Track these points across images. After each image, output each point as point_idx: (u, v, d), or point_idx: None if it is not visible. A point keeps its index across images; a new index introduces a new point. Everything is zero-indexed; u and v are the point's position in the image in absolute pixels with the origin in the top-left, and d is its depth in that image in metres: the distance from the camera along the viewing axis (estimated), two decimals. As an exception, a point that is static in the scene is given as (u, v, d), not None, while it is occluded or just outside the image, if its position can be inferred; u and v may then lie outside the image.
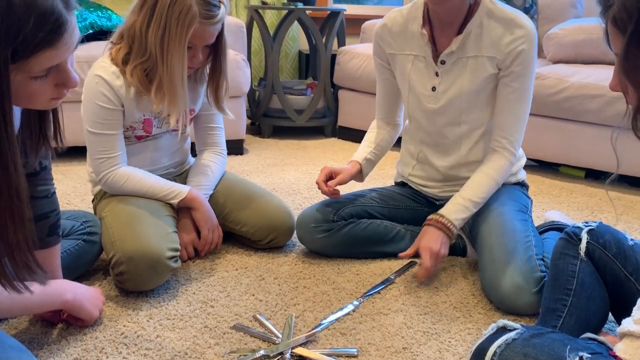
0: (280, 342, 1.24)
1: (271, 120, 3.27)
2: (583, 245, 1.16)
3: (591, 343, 0.95)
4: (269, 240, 1.68)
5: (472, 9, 1.49)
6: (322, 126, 3.34)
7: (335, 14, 3.24)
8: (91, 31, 2.76)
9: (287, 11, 3.18)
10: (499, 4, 1.50)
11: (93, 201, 1.67)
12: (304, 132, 3.40)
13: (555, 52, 2.83)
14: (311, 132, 3.40)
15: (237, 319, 1.34)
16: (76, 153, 2.28)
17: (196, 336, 1.26)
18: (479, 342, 0.97)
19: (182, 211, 1.61)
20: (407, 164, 1.76)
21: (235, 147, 2.82)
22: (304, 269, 1.60)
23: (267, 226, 1.66)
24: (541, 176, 2.63)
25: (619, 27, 0.88)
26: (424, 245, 1.48)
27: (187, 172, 1.75)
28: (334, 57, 3.27)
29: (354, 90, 3.16)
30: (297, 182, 2.42)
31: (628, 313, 0.89)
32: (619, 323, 1.01)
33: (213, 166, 1.73)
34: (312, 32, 3.18)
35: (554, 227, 1.73)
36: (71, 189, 2.24)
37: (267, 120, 3.27)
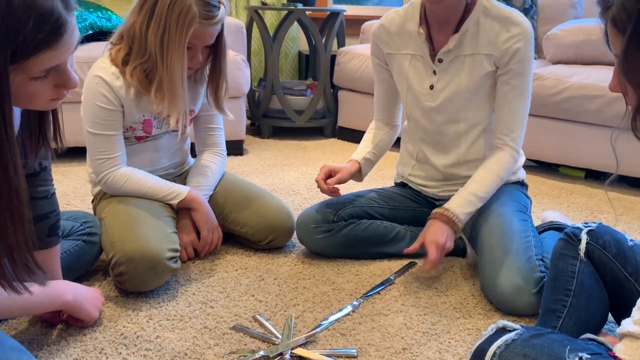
0: (279, 343, 1.24)
1: (271, 120, 3.27)
2: (583, 246, 1.16)
3: (591, 344, 0.95)
4: (269, 240, 1.68)
5: (469, 7, 1.50)
6: (321, 127, 3.34)
7: (335, 14, 3.24)
8: (91, 32, 2.76)
9: (286, 12, 3.18)
10: (494, 2, 1.51)
11: (93, 202, 1.67)
12: (303, 132, 3.40)
13: (554, 53, 2.84)
14: (311, 132, 3.40)
15: (236, 320, 1.34)
16: (76, 154, 2.28)
17: (196, 337, 1.26)
18: (478, 343, 0.97)
19: (182, 212, 1.61)
20: (406, 164, 1.77)
21: (235, 148, 2.82)
22: (304, 269, 1.61)
23: (266, 227, 1.66)
24: (541, 177, 2.63)
25: (618, 28, 0.88)
26: (429, 238, 1.47)
27: (186, 173, 1.75)
28: (333, 57, 3.27)
29: (353, 90, 3.16)
30: (297, 183, 2.42)
31: (628, 314, 0.89)
32: (618, 324, 1.01)
33: (213, 167, 1.73)
34: (311, 33, 3.18)
35: (552, 227, 1.73)
36: (71, 189, 2.24)
37: (267, 120, 3.27)
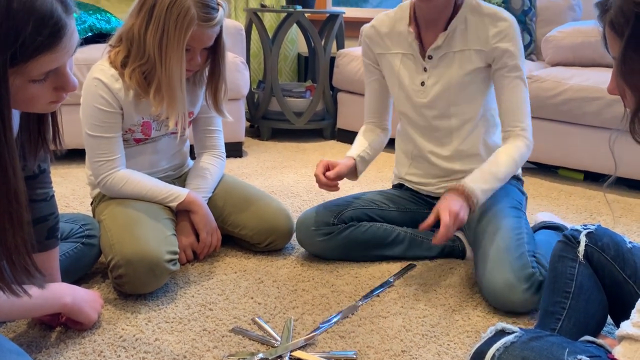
0: (279, 345, 1.24)
1: (270, 122, 3.27)
2: (581, 248, 1.16)
3: (590, 346, 0.95)
4: (268, 243, 1.68)
5: (457, 7, 1.55)
6: (321, 129, 3.35)
7: (334, 16, 3.24)
8: (90, 34, 2.76)
9: (286, 14, 3.18)
10: (480, 1, 1.57)
11: (92, 204, 1.67)
12: (303, 134, 3.40)
13: (553, 55, 2.84)
14: (310, 134, 3.40)
15: (235, 322, 1.34)
16: (75, 156, 2.28)
17: (195, 339, 1.26)
18: (477, 346, 0.97)
19: (181, 214, 1.61)
20: (402, 164, 1.78)
21: (234, 150, 2.82)
22: (303, 272, 1.60)
23: (266, 229, 1.66)
24: (540, 179, 2.63)
25: (616, 30, 0.88)
26: (442, 206, 1.42)
27: (186, 175, 1.75)
28: (333, 59, 3.27)
29: (352, 92, 3.16)
30: (296, 185, 2.42)
31: (627, 316, 0.89)
32: (617, 326, 1.01)
33: (212, 169, 1.73)
34: (311, 35, 3.19)
35: (545, 226, 1.73)
36: (70, 191, 2.24)
37: (266, 122, 3.27)
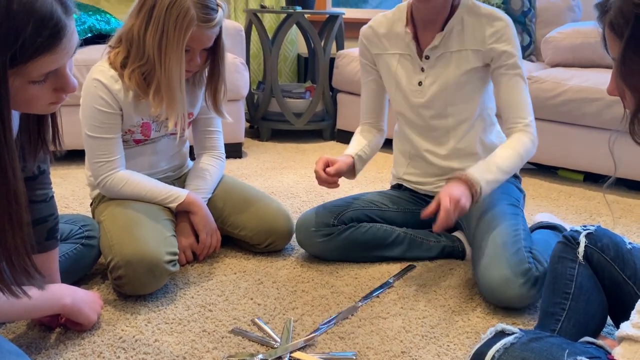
0: (278, 347, 1.24)
1: (270, 123, 3.27)
2: (581, 249, 1.16)
3: (590, 347, 0.95)
4: (268, 244, 1.68)
5: (453, 7, 1.57)
6: (320, 129, 3.35)
7: (333, 17, 3.24)
8: (90, 35, 2.76)
9: (285, 15, 3.18)
10: (477, 2, 1.58)
11: (91, 205, 1.67)
12: (302, 135, 3.40)
13: (553, 56, 2.84)
14: (310, 135, 3.40)
15: (235, 323, 1.34)
16: (75, 156, 2.28)
17: (194, 340, 1.26)
18: (477, 347, 0.97)
19: (181, 215, 1.61)
20: (400, 164, 1.79)
21: (233, 151, 2.82)
22: (303, 272, 1.60)
23: (265, 230, 1.66)
24: (539, 179, 2.63)
25: (616, 31, 0.88)
26: (443, 192, 1.41)
27: (185, 176, 1.75)
28: (332, 60, 3.27)
29: (352, 93, 3.16)
30: (296, 186, 2.42)
31: (626, 317, 0.89)
32: (617, 327, 1.01)
33: (211, 170, 1.73)
34: (310, 36, 3.19)
35: (542, 225, 1.73)
36: (69, 192, 2.24)
37: (266, 123, 3.27)
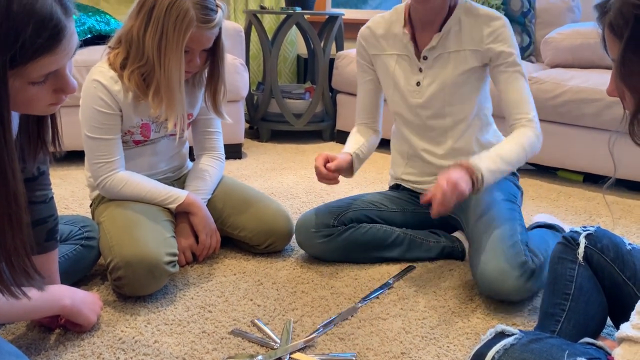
0: (278, 348, 1.23)
1: (269, 124, 3.27)
2: (581, 250, 1.17)
3: (589, 348, 0.95)
4: (267, 244, 1.68)
5: (451, 8, 1.58)
6: (320, 130, 3.35)
7: (333, 18, 3.24)
8: (89, 36, 2.76)
9: (285, 15, 3.18)
10: (473, 3, 1.60)
11: (91, 206, 1.66)
12: (302, 136, 3.40)
13: (552, 57, 2.84)
14: (309, 136, 3.40)
15: (235, 324, 1.34)
16: (74, 157, 2.28)
17: (194, 341, 1.26)
18: (477, 348, 0.97)
19: (180, 216, 1.61)
20: (398, 164, 1.80)
21: (233, 151, 2.82)
22: (302, 273, 1.60)
23: (265, 231, 1.66)
24: (539, 180, 2.63)
25: (615, 32, 0.88)
26: (441, 175, 1.39)
27: (185, 177, 1.75)
28: (332, 61, 3.27)
29: (352, 94, 3.16)
30: (296, 187, 2.42)
31: (626, 318, 0.89)
32: (617, 328, 1.01)
33: (211, 171, 1.73)
34: (310, 37, 3.19)
35: (539, 225, 1.74)
36: (69, 193, 2.23)
37: (266, 124, 3.27)
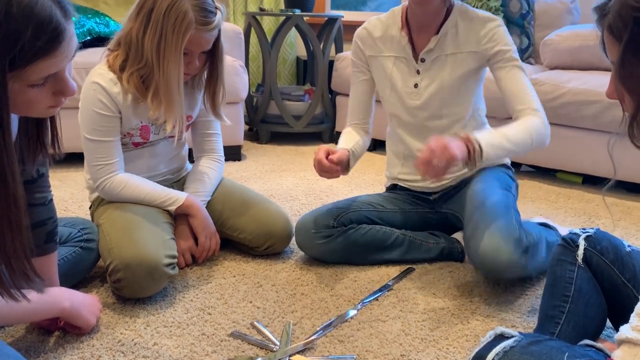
0: (277, 350, 1.23)
1: (269, 126, 3.27)
2: (580, 252, 1.17)
3: (589, 350, 0.95)
4: (267, 246, 1.68)
5: (448, 11, 1.60)
6: (319, 132, 3.35)
7: (332, 20, 3.24)
8: (89, 37, 2.76)
9: (284, 17, 3.19)
10: (468, 6, 1.63)
11: (90, 208, 1.66)
12: (301, 138, 3.40)
13: (551, 59, 2.84)
14: (309, 138, 3.40)
15: (234, 327, 1.33)
16: (74, 159, 2.28)
17: (193, 344, 1.26)
18: (476, 350, 0.97)
19: (180, 218, 1.61)
20: (394, 165, 1.80)
21: (233, 153, 2.82)
22: (302, 275, 1.60)
23: (264, 233, 1.66)
24: (538, 182, 2.63)
25: (614, 35, 0.88)
26: (434, 138, 1.36)
27: (184, 179, 1.75)
28: (331, 63, 3.28)
29: (351, 96, 3.16)
30: (295, 188, 2.42)
31: (626, 320, 0.89)
32: (616, 330, 1.01)
33: (210, 173, 1.73)
34: (309, 39, 3.19)
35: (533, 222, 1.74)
36: (68, 195, 2.23)
37: (265, 126, 3.27)
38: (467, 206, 1.54)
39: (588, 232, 1.19)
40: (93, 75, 1.51)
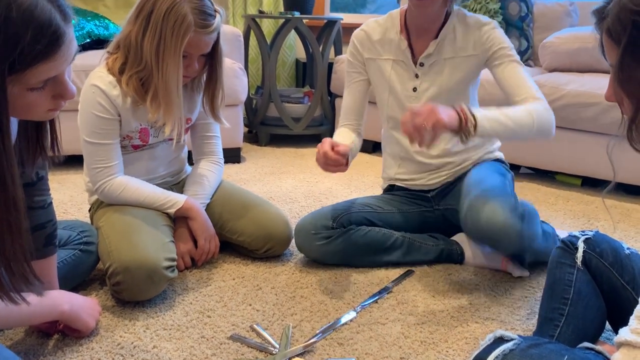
0: (277, 353, 1.23)
1: (268, 128, 3.27)
2: (580, 254, 1.17)
3: (588, 353, 0.95)
4: (266, 249, 1.68)
5: (446, 15, 1.62)
6: (319, 134, 3.35)
7: (332, 22, 3.25)
8: (88, 40, 2.77)
9: (284, 20, 3.19)
10: (466, 11, 1.65)
11: (90, 210, 1.66)
12: (301, 140, 3.40)
13: (550, 61, 2.85)
14: (308, 140, 3.41)
15: (234, 329, 1.33)
16: (73, 161, 2.28)
17: (193, 347, 1.26)
18: (476, 353, 0.97)
19: (179, 220, 1.61)
20: (391, 166, 1.81)
21: (232, 156, 2.82)
22: (301, 278, 1.60)
23: (264, 235, 1.66)
24: (537, 184, 2.63)
25: (613, 38, 0.88)
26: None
27: (184, 181, 1.75)
28: (330, 65, 3.28)
29: (350, 98, 3.16)
30: (295, 191, 2.42)
31: (625, 322, 0.89)
32: (615, 332, 1.01)
33: (210, 175, 1.73)
34: (309, 41, 3.19)
35: None
36: (68, 197, 2.23)
37: (265, 128, 3.27)
38: (464, 190, 1.54)
39: (587, 234, 1.19)
40: (92, 78, 1.51)
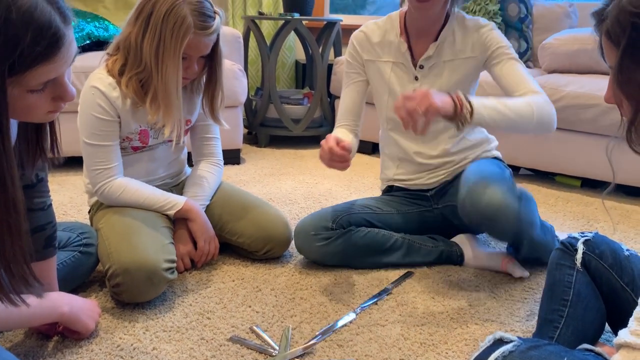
0: (277, 354, 1.23)
1: (268, 129, 3.27)
2: (579, 256, 1.17)
3: (588, 354, 0.95)
4: (266, 251, 1.67)
5: (446, 18, 1.62)
6: (318, 135, 3.35)
7: (331, 24, 3.25)
8: (88, 42, 2.77)
9: (283, 21, 3.19)
10: (464, 13, 1.66)
11: (89, 212, 1.66)
12: (300, 141, 3.40)
13: (550, 62, 2.85)
14: (308, 141, 3.41)
15: (233, 331, 1.33)
16: (73, 163, 2.28)
17: (193, 348, 1.26)
18: (476, 354, 0.97)
19: (179, 222, 1.61)
20: (389, 167, 1.81)
21: (232, 157, 2.82)
22: (301, 280, 1.60)
23: (263, 237, 1.66)
24: (537, 185, 2.64)
25: (612, 40, 0.88)
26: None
27: (183, 183, 1.75)
28: (330, 66, 3.28)
29: (350, 99, 3.16)
30: (294, 192, 2.42)
31: (624, 324, 0.89)
32: (615, 334, 1.01)
33: (209, 177, 1.73)
34: (308, 42, 3.20)
35: None
36: (67, 199, 2.23)
37: (264, 129, 3.27)
38: (462, 180, 1.53)
39: (587, 236, 1.19)
40: (92, 80, 1.51)
